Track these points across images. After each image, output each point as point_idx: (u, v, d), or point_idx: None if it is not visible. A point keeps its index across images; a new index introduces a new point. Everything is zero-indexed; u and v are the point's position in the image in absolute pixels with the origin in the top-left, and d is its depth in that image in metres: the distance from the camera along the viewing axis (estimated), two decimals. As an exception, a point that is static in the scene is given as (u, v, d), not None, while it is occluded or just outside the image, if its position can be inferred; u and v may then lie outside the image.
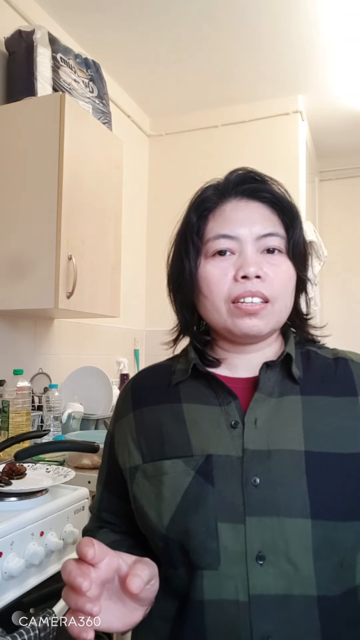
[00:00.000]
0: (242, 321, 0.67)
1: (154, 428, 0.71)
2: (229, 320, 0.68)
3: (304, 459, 0.62)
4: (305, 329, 0.78)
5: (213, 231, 0.70)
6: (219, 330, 0.72)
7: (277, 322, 0.70)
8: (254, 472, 0.62)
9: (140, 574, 0.56)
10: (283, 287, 0.69)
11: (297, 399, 0.68)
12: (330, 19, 2.20)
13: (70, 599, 0.54)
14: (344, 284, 3.51)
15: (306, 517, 0.59)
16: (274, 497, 0.61)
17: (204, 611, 0.60)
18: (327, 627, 0.58)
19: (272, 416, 0.66)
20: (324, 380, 0.70)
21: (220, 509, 0.61)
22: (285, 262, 0.70)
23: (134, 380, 0.80)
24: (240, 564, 0.59)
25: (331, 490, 0.61)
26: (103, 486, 0.81)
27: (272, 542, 0.59)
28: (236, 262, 0.68)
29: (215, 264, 0.69)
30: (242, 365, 0.73)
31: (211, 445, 0.65)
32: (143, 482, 0.68)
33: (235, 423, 0.66)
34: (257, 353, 0.72)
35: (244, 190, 0.71)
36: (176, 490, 0.64)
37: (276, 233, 0.69)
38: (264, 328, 0.68)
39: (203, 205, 0.72)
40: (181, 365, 0.75)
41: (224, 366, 0.74)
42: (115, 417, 0.79)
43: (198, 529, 0.61)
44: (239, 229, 0.69)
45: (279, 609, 0.58)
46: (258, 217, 0.70)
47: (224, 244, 0.69)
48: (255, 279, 0.66)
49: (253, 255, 0.68)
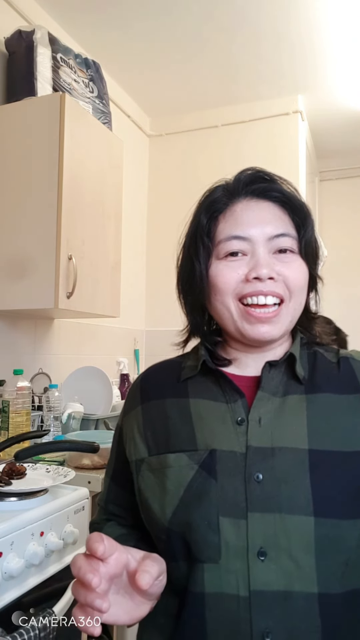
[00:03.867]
0: (254, 328, 0.67)
1: (160, 421, 0.72)
2: (240, 322, 0.68)
3: (307, 457, 0.63)
4: (313, 329, 0.78)
5: (224, 232, 0.70)
6: (231, 332, 0.72)
7: (291, 321, 0.70)
8: (257, 469, 0.63)
9: (150, 570, 0.57)
10: (297, 284, 0.69)
11: (302, 398, 0.68)
12: (330, 19, 2.20)
13: (80, 594, 0.55)
14: (344, 284, 3.50)
15: (309, 515, 0.60)
16: (277, 494, 0.61)
17: (204, 604, 0.60)
18: (327, 624, 0.58)
19: (277, 415, 0.67)
20: (328, 379, 0.70)
21: (222, 503, 0.62)
22: (297, 260, 0.70)
23: (144, 375, 0.81)
24: (242, 559, 0.60)
25: (334, 488, 0.61)
26: (110, 478, 0.81)
27: (273, 538, 0.60)
28: (248, 263, 0.68)
29: (227, 264, 0.69)
30: (252, 364, 0.73)
31: (215, 441, 0.66)
32: (148, 474, 0.69)
33: (240, 420, 0.67)
34: (268, 353, 0.72)
35: (254, 190, 0.71)
36: (179, 483, 0.64)
37: (288, 233, 0.69)
38: (277, 333, 0.69)
39: (213, 207, 0.72)
40: (191, 362, 0.76)
41: (234, 365, 0.74)
42: (124, 411, 0.80)
43: (200, 522, 0.62)
44: (250, 230, 0.68)
45: (280, 605, 0.58)
46: (269, 217, 0.69)
47: (236, 246, 0.68)
48: (268, 280, 0.67)
49: (265, 257, 0.67)
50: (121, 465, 0.77)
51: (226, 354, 0.75)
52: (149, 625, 0.68)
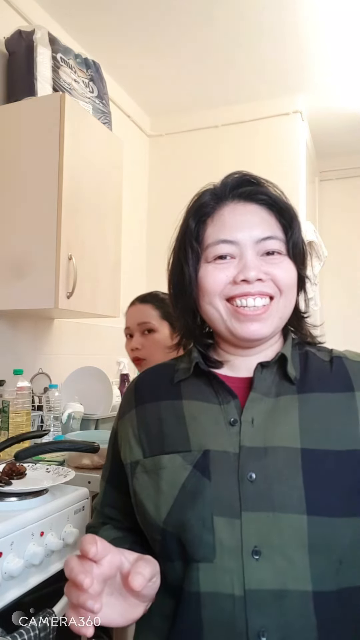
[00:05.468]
0: (244, 326, 0.68)
1: (154, 424, 0.72)
2: (230, 321, 0.69)
3: (300, 456, 0.63)
4: (303, 329, 0.78)
5: (212, 237, 0.71)
6: (221, 333, 0.72)
7: (280, 319, 0.71)
8: (250, 468, 0.63)
9: (143, 572, 0.57)
10: (286, 282, 0.70)
11: (294, 399, 0.68)
12: (330, 19, 2.20)
13: (72, 595, 0.55)
14: (344, 284, 3.50)
15: (302, 513, 0.60)
16: (270, 493, 0.61)
17: (200, 603, 0.61)
18: (322, 622, 0.59)
19: (269, 415, 0.67)
20: (320, 379, 0.71)
21: (216, 503, 0.62)
22: (285, 260, 0.71)
23: (138, 379, 0.82)
24: (236, 558, 0.60)
25: (327, 486, 0.62)
26: (106, 482, 0.82)
27: (267, 537, 0.60)
28: (237, 266, 0.69)
29: (215, 267, 0.70)
30: (243, 366, 0.74)
31: (209, 441, 0.66)
32: (143, 476, 0.70)
33: (233, 421, 0.67)
34: (259, 355, 0.73)
35: (241, 194, 0.72)
36: (174, 483, 0.65)
37: (275, 236, 0.70)
38: (267, 330, 0.69)
39: (201, 211, 0.73)
40: (184, 364, 0.77)
41: (226, 367, 0.75)
42: (119, 414, 0.81)
43: (194, 521, 0.62)
44: (238, 233, 0.69)
45: (275, 603, 0.58)
46: (256, 220, 0.70)
47: (224, 249, 0.69)
48: (257, 281, 0.67)
49: (253, 259, 0.68)
50: (117, 468, 0.78)
51: (218, 356, 0.76)
52: (145, 626, 0.68)
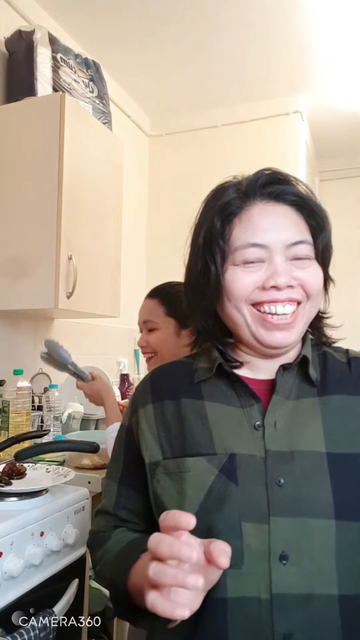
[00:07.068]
0: (270, 334, 0.67)
1: (175, 423, 0.70)
2: (255, 328, 0.67)
3: (326, 460, 0.62)
4: (322, 329, 0.77)
5: (241, 239, 0.67)
6: (244, 338, 0.70)
7: (306, 324, 0.70)
8: (278, 472, 0.62)
9: (226, 549, 0.51)
10: (315, 288, 0.68)
11: (315, 401, 0.68)
12: (330, 19, 2.20)
13: (167, 575, 0.49)
14: (344, 284, 3.50)
15: (330, 518, 0.60)
16: (299, 498, 0.61)
17: (226, 608, 0.60)
18: (348, 625, 0.58)
19: (290, 418, 0.66)
20: (340, 381, 0.70)
21: (244, 508, 0.61)
22: (313, 264, 0.69)
23: (152, 375, 0.78)
24: (263, 563, 0.59)
25: (355, 490, 0.61)
26: (119, 482, 0.77)
27: (295, 542, 0.59)
28: (266, 270, 0.67)
29: (244, 270, 0.67)
30: (264, 367, 0.72)
31: (234, 445, 0.65)
32: (164, 478, 0.68)
33: (258, 425, 0.66)
34: (281, 357, 0.71)
35: (271, 193, 0.69)
36: (199, 487, 0.63)
37: (305, 240, 0.68)
38: (294, 338, 0.68)
39: (227, 209, 0.69)
40: (203, 364, 0.74)
41: (245, 367, 0.73)
42: (132, 410, 0.77)
43: (222, 527, 0.61)
44: (268, 237, 0.66)
45: (301, 607, 0.58)
46: (287, 223, 0.67)
47: (254, 254, 0.67)
48: (287, 288, 0.66)
49: (283, 265, 0.66)
50: (133, 466, 0.74)
51: (237, 356, 0.73)
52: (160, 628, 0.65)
